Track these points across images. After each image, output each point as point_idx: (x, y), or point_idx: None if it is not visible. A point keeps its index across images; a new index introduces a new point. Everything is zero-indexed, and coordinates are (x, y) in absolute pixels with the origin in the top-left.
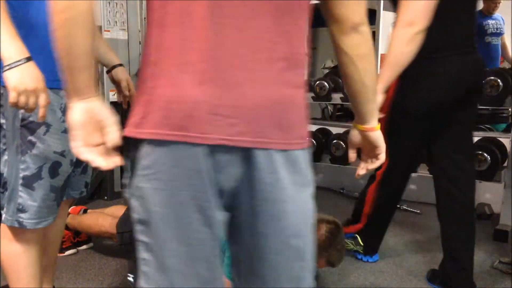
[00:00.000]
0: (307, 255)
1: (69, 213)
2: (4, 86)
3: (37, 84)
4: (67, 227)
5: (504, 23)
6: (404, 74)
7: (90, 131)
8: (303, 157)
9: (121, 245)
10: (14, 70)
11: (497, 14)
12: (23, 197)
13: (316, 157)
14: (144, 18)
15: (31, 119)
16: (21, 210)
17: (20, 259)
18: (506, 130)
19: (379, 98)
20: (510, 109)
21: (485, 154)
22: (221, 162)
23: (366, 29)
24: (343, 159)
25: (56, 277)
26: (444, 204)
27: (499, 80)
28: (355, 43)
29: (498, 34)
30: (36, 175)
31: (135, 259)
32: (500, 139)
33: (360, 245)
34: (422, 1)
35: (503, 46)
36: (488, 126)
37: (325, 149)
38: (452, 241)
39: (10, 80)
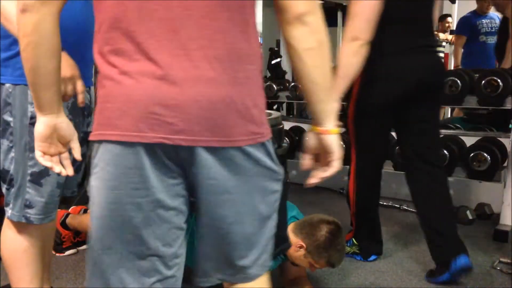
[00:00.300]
0: (255, 240)
1: (69, 213)
2: (14, 84)
3: (73, 71)
4: (67, 227)
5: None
6: (363, 76)
7: (51, 143)
8: (257, 151)
9: None
10: None
11: (493, 13)
12: (31, 193)
13: None
14: None
15: None
16: (28, 206)
17: (24, 256)
18: (505, 130)
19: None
20: (490, 108)
21: (485, 154)
22: (164, 160)
23: (313, 19)
24: (344, 159)
25: (56, 277)
26: (420, 194)
27: (499, 80)
28: (301, 35)
29: (493, 33)
30: (44, 172)
31: None
32: (500, 139)
33: (355, 245)
34: (363, 18)
35: None
36: (488, 126)
37: None
38: (436, 225)
39: None
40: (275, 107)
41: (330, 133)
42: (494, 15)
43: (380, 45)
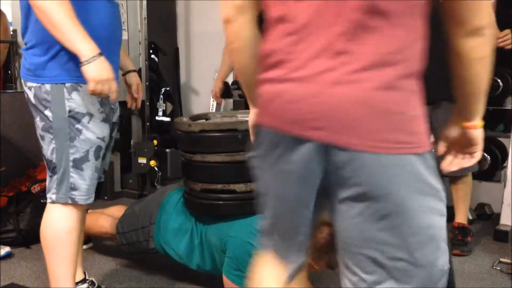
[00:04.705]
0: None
1: None
2: (52, 84)
3: (109, 74)
4: None
5: None
6: None
7: None
8: (415, 162)
9: (121, 246)
10: (92, 64)
11: None
12: (74, 177)
13: None
14: (144, 18)
15: (76, 110)
16: (73, 188)
17: (67, 237)
18: (505, 130)
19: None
20: (491, 108)
21: (485, 154)
22: (318, 159)
23: (489, 32)
24: None
25: None
26: None
27: (499, 80)
28: (477, 45)
29: None
30: (84, 158)
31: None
32: (500, 139)
33: None
34: None
35: None
36: (488, 126)
37: None
38: None
39: (90, 72)
40: None
41: (477, 128)
42: None
43: None
